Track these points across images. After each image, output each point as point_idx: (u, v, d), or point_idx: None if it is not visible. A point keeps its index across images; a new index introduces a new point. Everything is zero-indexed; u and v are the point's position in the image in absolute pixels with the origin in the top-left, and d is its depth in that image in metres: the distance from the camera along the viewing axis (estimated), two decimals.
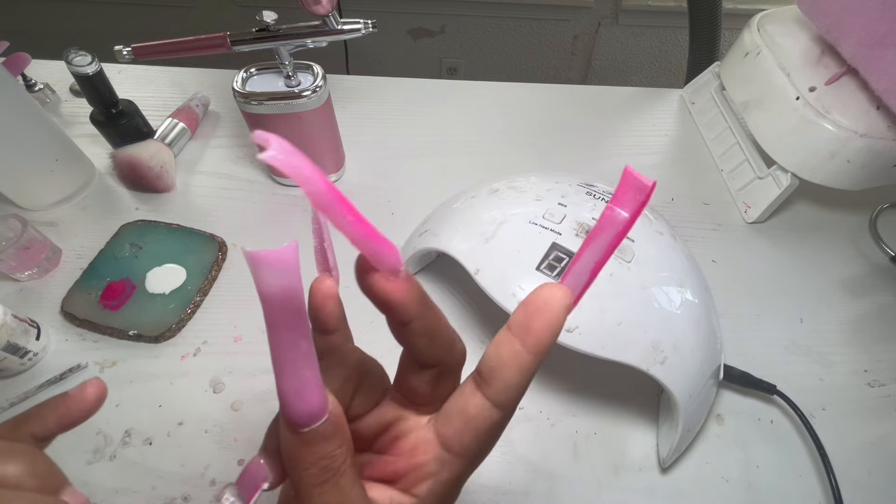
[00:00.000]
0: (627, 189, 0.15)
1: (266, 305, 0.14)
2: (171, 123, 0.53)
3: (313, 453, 0.15)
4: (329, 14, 0.39)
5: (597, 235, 0.16)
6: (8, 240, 0.40)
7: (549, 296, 0.15)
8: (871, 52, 0.39)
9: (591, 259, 0.16)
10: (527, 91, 0.63)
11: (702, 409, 0.34)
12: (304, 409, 0.14)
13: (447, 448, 0.17)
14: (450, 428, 0.17)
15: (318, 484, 0.15)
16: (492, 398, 0.16)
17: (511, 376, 0.15)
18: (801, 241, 0.48)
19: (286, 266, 0.13)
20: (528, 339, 0.15)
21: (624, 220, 0.16)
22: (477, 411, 0.16)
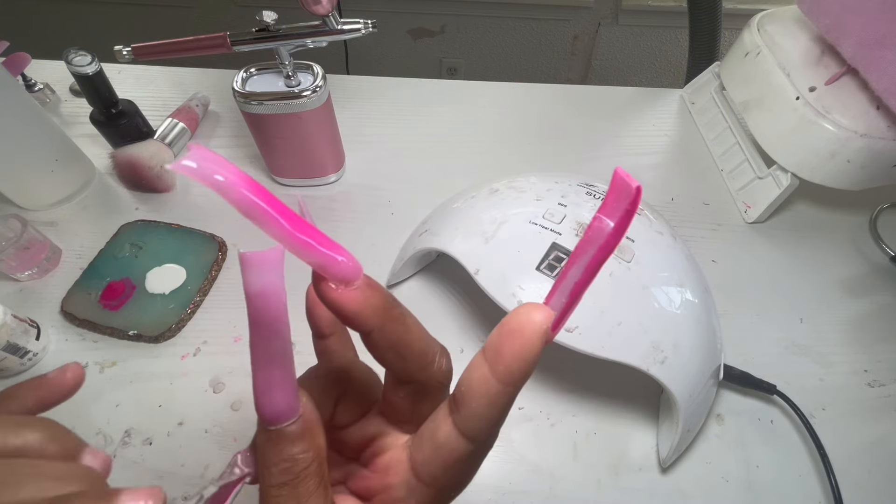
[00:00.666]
0: (616, 195, 0.13)
1: (248, 304, 0.14)
2: (171, 123, 0.53)
3: (277, 453, 0.14)
4: (329, 14, 0.39)
5: (583, 250, 0.14)
6: (8, 240, 0.40)
7: (525, 318, 0.13)
8: (871, 52, 0.39)
9: (574, 276, 0.14)
10: (527, 91, 0.63)
11: (702, 409, 0.34)
12: (270, 408, 0.14)
13: (416, 475, 0.16)
14: (420, 454, 0.16)
15: (275, 485, 0.14)
16: (461, 427, 0.14)
17: (479, 405, 0.14)
18: (801, 241, 0.48)
19: (269, 266, 0.14)
20: (498, 367, 0.13)
21: (610, 230, 0.13)
22: (445, 440, 0.15)
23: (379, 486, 0.17)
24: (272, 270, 0.14)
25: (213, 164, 0.12)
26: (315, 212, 0.49)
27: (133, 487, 0.15)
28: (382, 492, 0.16)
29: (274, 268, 0.14)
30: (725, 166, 0.54)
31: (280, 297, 0.14)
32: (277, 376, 0.14)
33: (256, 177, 0.52)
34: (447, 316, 0.42)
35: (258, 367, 0.15)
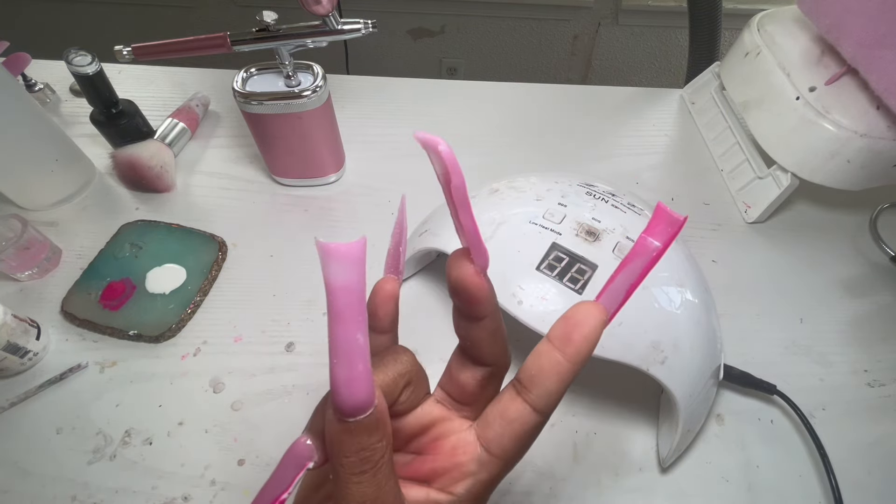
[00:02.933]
0: (659, 222, 0.17)
1: (331, 297, 0.14)
2: (171, 123, 0.53)
3: (356, 443, 0.15)
4: (329, 14, 0.39)
5: (631, 260, 0.17)
6: (8, 240, 0.40)
7: (587, 312, 0.17)
8: (871, 52, 0.39)
9: (625, 281, 0.18)
10: (527, 91, 0.63)
11: (702, 409, 0.34)
12: (352, 400, 0.15)
13: (487, 450, 0.18)
14: (490, 431, 0.18)
15: (356, 473, 0.15)
16: (532, 403, 0.17)
17: (551, 384, 0.17)
18: (801, 241, 0.48)
19: (354, 261, 0.14)
20: (568, 350, 0.17)
21: (656, 248, 0.17)
22: (517, 415, 0.17)
23: (446, 465, 0.18)
24: (358, 264, 0.14)
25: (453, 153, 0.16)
26: (315, 212, 0.49)
27: None
28: (452, 470, 0.18)
29: (360, 262, 0.14)
30: (725, 166, 0.54)
31: (363, 290, 0.15)
32: (360, 369, 0.15)
33: (257, 177, 0.52)
34: (447, 316, 0.42)
35: (341, 361, 0.15)
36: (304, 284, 0.43)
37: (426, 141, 0.16)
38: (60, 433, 0.35)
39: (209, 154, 0.54)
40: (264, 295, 0.42)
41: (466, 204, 0.17)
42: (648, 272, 0.17)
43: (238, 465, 0.34)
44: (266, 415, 0.36)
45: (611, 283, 0.18)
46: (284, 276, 0.44)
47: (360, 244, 0.14)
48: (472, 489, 0.18)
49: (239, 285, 0.43)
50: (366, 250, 0.14)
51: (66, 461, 0.34)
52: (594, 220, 0.33)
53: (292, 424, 0.36)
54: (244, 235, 0.46)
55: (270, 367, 0.38)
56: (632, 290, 0.17)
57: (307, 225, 0.48)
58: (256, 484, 0.33)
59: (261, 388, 0.37)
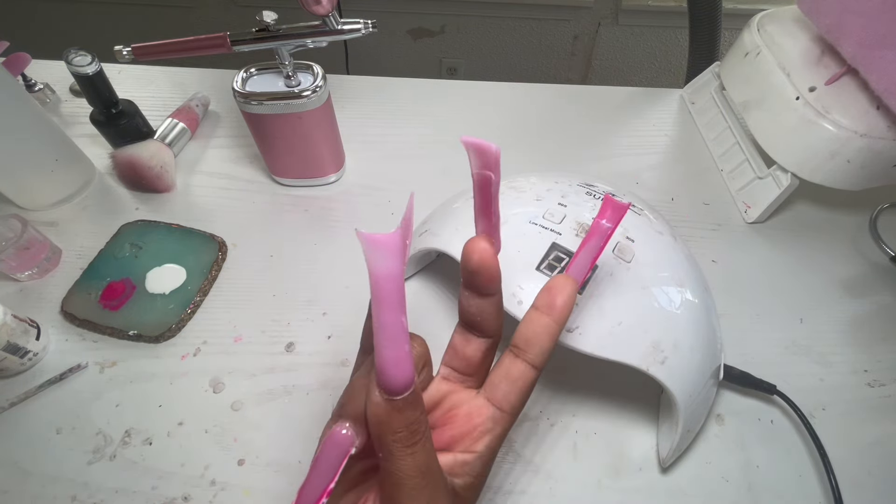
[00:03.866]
0: (608, 208, 0.23)
1: (376, 285, 0.16)
2: (171, 123, 0.53)
3: (405, 418, 0.17)
4: (329, 14, 0.39)
5: (589, 239, 0.23)
6: (8, 240, 0.40)
7: (563, 281, 0.21)
8: (871, 52, 0.39)
9: (587, 256, 0.23)
10: (527, 91, 0.63)
11: (702, 409, 0.34)
12: (400, 379, 0.16)
13: (499, 408, 0.21)
14: (499, 391, 0.21)
15: (409, 445, 0.17)
16: (531, 362, 0.21)
17: (545, 342, 0.21)
18: (801, 241, 0.48)
19: (396, 250, 0.16)
20: (554, 313, 0.21)
21: (609, 228, 0.23)
22: (519, 374, 0.21)
23: (464, 430, 0.21)
24: (399, 253, 0.16)
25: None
26: (315, 212, 0.49)
27: None
28: (471, 432, 0.21)
29: (400, 251, 0.16)
30: (725, 166, 0.54)
31: (403, 277, 0.16)
32: (406, 350, 0.16)
33: (257, 177, 0.52)
34: (447, 316, 0.42)
35: (389, 345, 0.16)
36: (304, 284, 0.43)
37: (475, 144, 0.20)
38: (60, 433, 0.35)
39: (209, 154, 0.54)
40: (264, 295, 0.42)
41: (498, 196, 0.21)
42: (605, 247, 0.23)
43: (238, 465, 0.34)
44: (266, 415, 0.36)
45: (575, 259, 0.23)
46: (284, 276, 0.44)
47: (398, 235, 0.16)
48: (491, 444, 0.21)
49: (239, 285, 0.43)
50: (404, 240, 0.15)
51: (66, 461, 0.34)
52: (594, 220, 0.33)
53: (292, 424, 0.35)
54: (244, 235, 0.46)
55: (270, 367, 0.38)
56: (593, 263, 0.23)
57: (307, 225, 0.48)
58: (257, 484, 0.33)
59: (261, 388, 0.37)
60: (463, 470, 0.20)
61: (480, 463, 0.21)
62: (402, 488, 0.18)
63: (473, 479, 0.21)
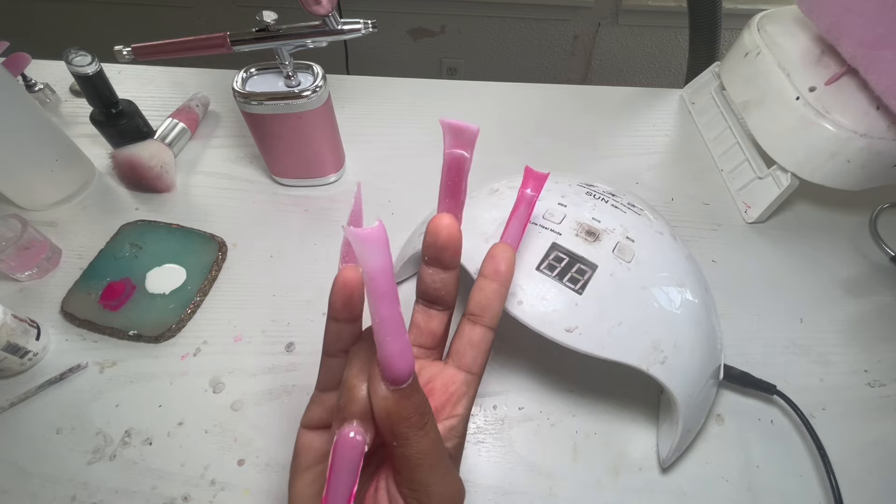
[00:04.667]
0: (530, 178, 0.26)
1: (372, 280, 0.16)
2: (171, 123, 0.53)
3: (412, 403, 0.18)
4: (329, 14, 0.39)
5: (518, 208, 0.25)
6: (8, 240, 0.40)
7: (503, 249, 0.24)
8: (871, 52, 0.39)
9: (518, 224, 0.25)
10: (527, 91, 0.63)
11: (702, 409, 0.34)
12: (405, 368, 0.17)
13: (468, 372, 0.23)
14: (466, 358, 0.23)
15: (422, 427, 0.18)
16: (488, 325, 0.23)
17: (497, 305, 0.23)
18: (801, 241, 0.48)
19: (385, 244, 0.16)
20: (500, 277, 0.23)
21: (533, 196, 0.26)
22: (480, 338, 0.23)
23: (445, 397, 0.23)
24: (387, 246, 0.16)
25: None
26: (315, 212, 0.49)
27: None
28: (450, 398, 0.23)
29: (387, 243, 0.16)
30: (725, 166, 0.54)
31: (393, 269, 0.17)
32: (406, 340, 0.17)
33: (257, 177, 0.52)
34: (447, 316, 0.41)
35: (392, 337, 0.16)
36: (304, 284, 0.43)
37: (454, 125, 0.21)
38: (60, 433, 0.35)
39: (209, 154, 0.54)
40: (264, 295, 0.42)
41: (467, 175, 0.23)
42: (531, 214, 0.25)
43: (238, 465, 0.34)
44: (266, 415, 0.36)
45: (508, 227, 0.25)
46: (284, 276, 0.44)
47: (382, 227, 0.16)
48: (468, 404, 0.23)
49: (239, 285, 0.43)
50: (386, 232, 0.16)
51: (66, 461, 0.34)
52: (594, 220, 0.33)
53: (292, 424, 0.35)
54: (244, 235, 0.46)
55: (270, 367, 0.38)
56: (524, 229, 0.25)
57: (307, 225, 0.48)
58: (257, 484, 0.33)
59: (261, 388, 0.37)
60: (451, 434, 0.22)
61: (463, 424, 0.23)
62: (422, 468, 0.19)
63: (459, 440, 0.23)
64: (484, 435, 0.36)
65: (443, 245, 0.22)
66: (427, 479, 0.19)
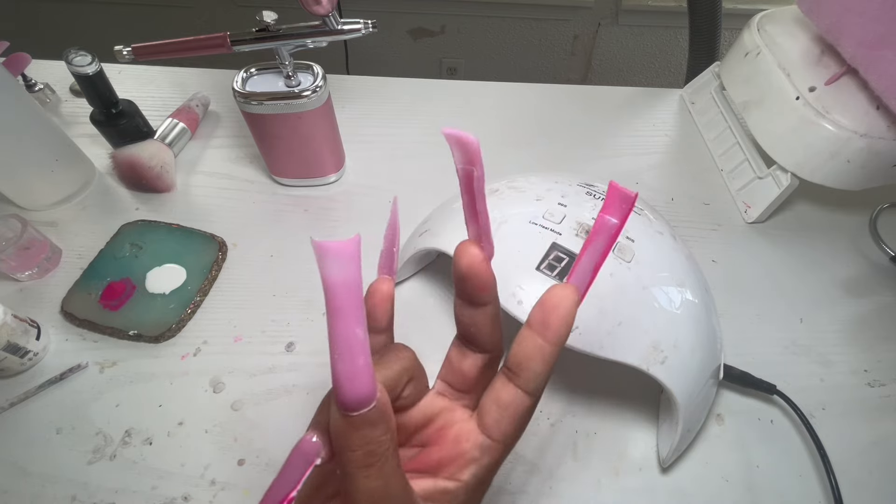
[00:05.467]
0: (614, 200, 0.18)
1: (329, 293, 0.15)
2: (171, 123, 0.53)
3: (360, 437, 0.15)
4: (329, 14, 0.39)
5: (593, 239, 0.19)
6: (8, 240, 0.40)
7: (561, 295, 0.18)
8: (871, 52, 0.39)
9: (591, 260, 0.19)
10: (527, 91, 0.63)
11: (702, 409, 0.34)
12: (355, 394, 0.15)
13: (488, 436, 0.19)
14: (489, 417, 0.19)
15: (363, 467, 0.16)
16: (523, 387, 0.18)
17: (537, 366, 0.18)
18: (801, 241, 0.48)
19: (350, 258, 0.15)
20: (548, 334, 0.18)
21: (615, 225, 0.18)
22: (511, 400, 0.18)
23: (451, 454, 0.19)
24: (353, 260, 0.15)
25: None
26: (315, 212, 0.49)
27: None
28: (457, 458, 0.19)
29: (355, 258, 0.15)
30: (725, 166, 0.54)
31: (360, 286, 0.15)
32: (360, 363, 0.15)
33: (257, 177, 0.52)
34: (447, 316, 0.42)
35: (342, 356, 0.15)
36: (304, 284, 0.43)
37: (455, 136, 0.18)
38: (60, 433, 0.35)
39: (209, 154, 0.54)
40: (264, 295, 0.42)
41: (483, 194, 0.18)
42: (611, 248, 0.18)
43: (238, 465, 0.34)
44: (266, 415, 0.36)
45: (578, 263, 0.19)
46: (284, 276, 0.44)
47: (354, 241, 0.15)
48: (478, 474, 0.19)
49: (239, 285, 0.43)
50: (360, 247, 0.14)
51: (66, 461, 0.34)
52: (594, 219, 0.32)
53: (292, 424, 0.35)
54: (244, 235, 0.46)
55: (270, 367, 0.38)
56: (598, 268, 0.19)
57: (307, 225, 0.48)
58: (257, 484, 0.33)
59: (261, 388, 0.37)
60: (444, 498, 0.19)
61: (464, 493, 0.19)
62: None
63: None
64: None
65: (463, 275, 0.19)
66: None
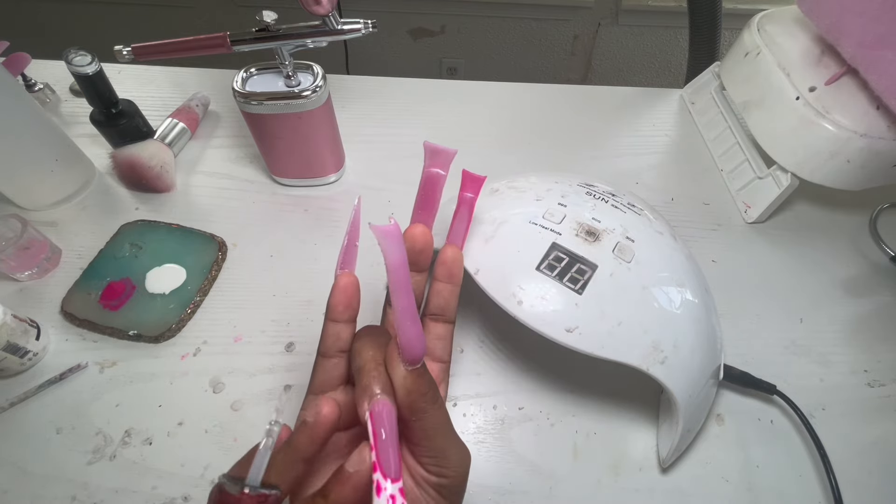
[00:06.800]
0: (468, 182, 0.29)
1: (393, 273, 0.19)
2: (171, 123, 0.53)
3: (426, 380, 0.21)
4: (329, 14, 0.39)
5: (459, 210, 0.29)
6: (8, 240, 0.40)
7: (453, 252, 0.27)
8: (871, 52, 0.39)
9: (461, 225, 0.29)
10: (527, 91, 0.63)
11: (702, 409, 0.34)
12: (421, 349, 0.20)
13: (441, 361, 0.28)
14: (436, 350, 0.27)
15: (434, 400, 0.21)
16: (448, 320, 0.28)
17: (454, 302, 0.27)
18: (801, 241, 0.48)
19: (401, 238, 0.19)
20: (455, 280, 0.27)
21: (472, 198, 0.29)
22: (445, 332, 0.28)
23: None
24: (402, 241, 0.19)
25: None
26: (315, 212, 0.49)
27: None
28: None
29: (401, 238, 0.19)
30: (725, 166, 0.54)
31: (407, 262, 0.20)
32: (420, 327, 0.20)
33: (257, 177, 0.52)
34: None
35: (412, 323, 0.20)
36: (304, 284, 0.43)
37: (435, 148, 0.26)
38: (60, 433, 0.35)
39: (209, 154, 0.54)
40: (264, 295, 0.42)
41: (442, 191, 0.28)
42: (472, 215, 0.29)
43: None
44: (266, 415, 0.36)
45: (452, 229, 0.29)
46: (284, 276, 0.44)
47: (397, 225, 0.18)
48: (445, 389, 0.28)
49: (239, 285, 0.43)
50: None
51: (66, 461, 0.34)
52: (594, 220, 0.33)
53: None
54: (244, 235, 0.46)
55: (270, 367, 0.38)
56: (467, 230, 0.29)
57: (307, 225, 0.48)
58: None
59: (261, 388, 0.37)
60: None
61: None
62: (439, 436, 0.22)
63: None
64: (484, 435, 0.36)
65: (420, 249, 0.26)
66: (444, 445, 0.22)
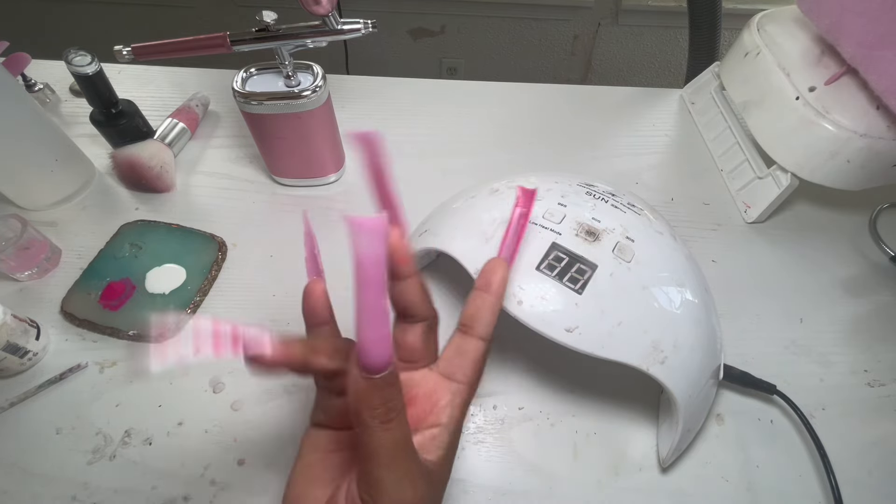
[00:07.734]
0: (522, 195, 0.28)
1: (360, 266, 0.16)
2: (171, 123, 0.53)
3: (383, 396, 0.18)
4: (329, 14, 0.39)
5: (512, 224, 0.28)
6: (8, 240, 0.40)
7: (497, 263, 0.25)
8: (871, 52, 0.39)
9: (512, 239, 0.27)
10: (527, 91, 0.63)
11: (702, 409, 0.34)
12: (381, 358, 0.17)
13: (456, 381, 0.23)
14: (453, 365, 0.23)
15: (385, 421, 0.18)
16: (479, 335, 0.23)
17: (489, 316, 0.23)
18: (800, 241, 0.48)
19: (380, 234, 0.16)
20: (493, 290, 0.24)
21: (524, 212, 0.28)
22: (470, 347, 0.23)
23: (428, 406, 0.22)
24: (383, 237, 0.17)
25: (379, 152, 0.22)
26: (315, 212, 0.49)
27: None
28: (434, 406, 0.22)
29: (385, 235, 0.17)
30: (725, 166, 0.54)
31: (385, 261, 0.17)
32: (386, 330, 0.17)
33: (257, 177, 0.52)
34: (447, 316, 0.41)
35: (371, 325, 0.17)
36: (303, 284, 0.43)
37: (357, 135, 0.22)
38: (60, 433, 0.35)
39: (209, 154, 0.54)
40: (264, 295, 0.42)
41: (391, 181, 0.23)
42: (525, 229, 0.27)
43: (238, 465, 0.34)
44: (266, 415, 0.36)
45: (504, 242, 0.27)
46: (284, 276, 0.44)
47: (382, 220, 0.16)
48: (454, 414, 0.22)
49: (239, 285, 0.43)
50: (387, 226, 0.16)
51: (66, 461, 0.34)
52: (594, 220, 0.33)
53: (292, 424, 0.35)
54: (244, 235, 0.46)
55: None
56: (518, 244, 0.27)
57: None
58: (257, 484, 0.33)
59: (261, 388, 0.37)
60: (433, 444, 0.21)
61: (447, 434, 0.22)
62: (375, 461, 0.18)
63: (444, 452, 0.22)
64: (484, 435, 0.36)
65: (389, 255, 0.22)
66: (380, 475, 0.18)
